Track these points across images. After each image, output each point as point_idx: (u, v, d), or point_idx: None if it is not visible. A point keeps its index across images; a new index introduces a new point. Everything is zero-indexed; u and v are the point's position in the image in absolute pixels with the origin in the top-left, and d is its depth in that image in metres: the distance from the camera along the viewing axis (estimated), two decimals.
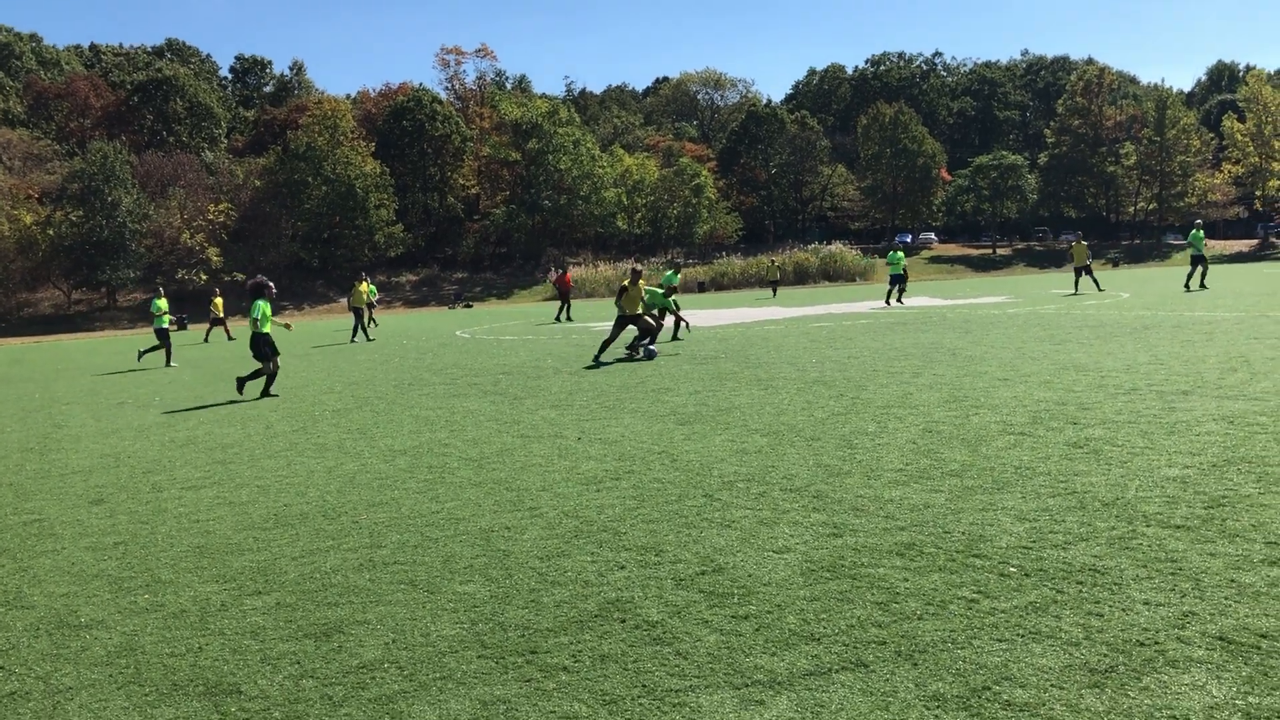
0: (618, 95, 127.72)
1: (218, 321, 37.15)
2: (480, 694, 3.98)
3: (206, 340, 37.21)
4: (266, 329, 15.45)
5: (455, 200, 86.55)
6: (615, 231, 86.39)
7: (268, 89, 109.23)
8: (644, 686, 3.96)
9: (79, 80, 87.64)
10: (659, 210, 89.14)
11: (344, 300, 67.76)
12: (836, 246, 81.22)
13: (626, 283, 18.77)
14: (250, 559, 6.17)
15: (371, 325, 32.74)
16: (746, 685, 3.91)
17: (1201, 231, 31.78)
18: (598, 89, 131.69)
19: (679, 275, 24.05)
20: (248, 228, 74.51)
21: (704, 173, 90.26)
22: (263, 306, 15.47)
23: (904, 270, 34.53)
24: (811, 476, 7.45)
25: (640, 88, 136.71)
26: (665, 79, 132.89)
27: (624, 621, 4.68)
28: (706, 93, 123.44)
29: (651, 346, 17.75)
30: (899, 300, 34.08)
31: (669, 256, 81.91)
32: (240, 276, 70.40)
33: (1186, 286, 31.58)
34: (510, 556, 5.84)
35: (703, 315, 34.18)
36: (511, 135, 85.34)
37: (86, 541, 6.87)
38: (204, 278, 68.81)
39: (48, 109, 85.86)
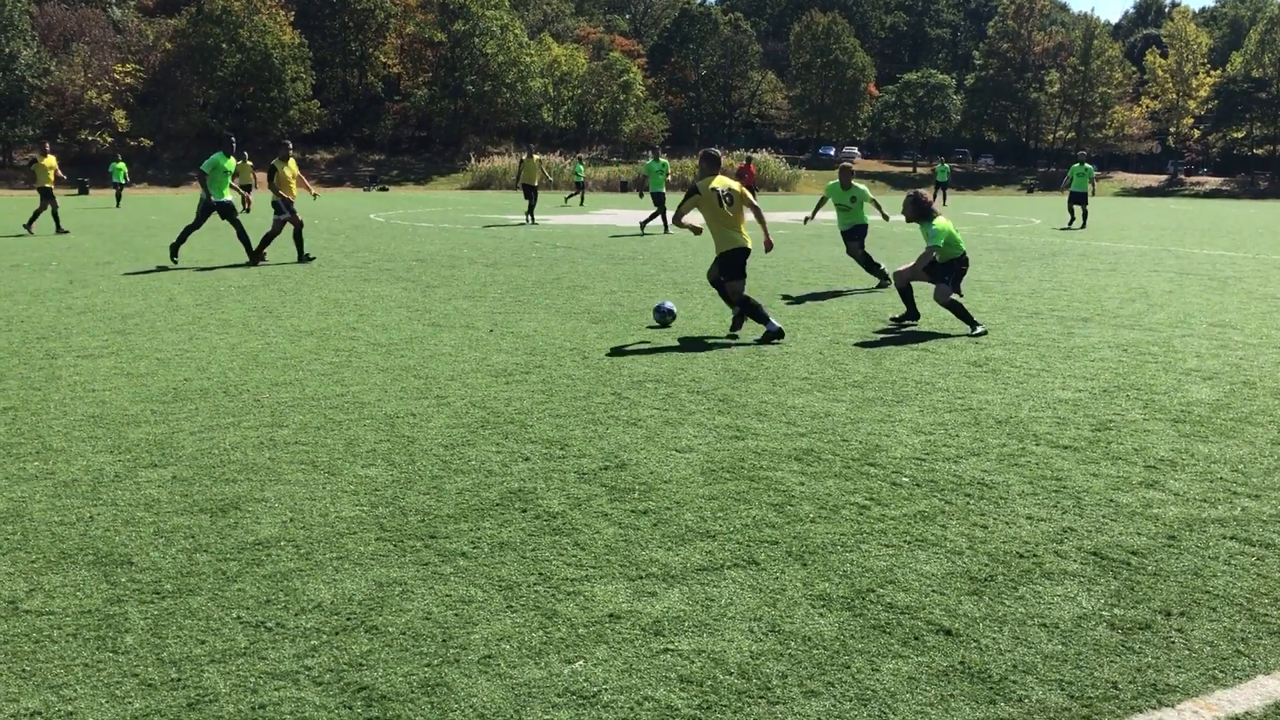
0: None
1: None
2: (376, 575, 4.00)
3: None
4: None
5: (375, 79, 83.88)
6: (539, 123, 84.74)
7: None
8: (541, 574, 4.02)
9: None
10: (585, 104, 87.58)
11: (259, 174, 65.68)
12: (762, 155, 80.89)
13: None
14: (147, 431, 6.05)
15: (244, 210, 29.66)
16: (641, 577, 3.99)
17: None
18: None
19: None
20: (156, 92, 71.13)
21: (633, 69, 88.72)
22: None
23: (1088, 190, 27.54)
24: (719, 380, 7.53)
25: None
26: None
27: (525, 511, 4.72)
28: None
29: None
30: (1083, 225, 27.51)
31: (594, 151, 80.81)
32: (147, 142, 67.65)
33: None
34: (414, 443, 5.83)
35: (625, 215, 33.99)
36: (438, 15, 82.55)
37: None
38: (108, 140, 65.90)
39: None
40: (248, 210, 17.31)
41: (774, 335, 9.17)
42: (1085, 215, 27.52)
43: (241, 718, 3.01)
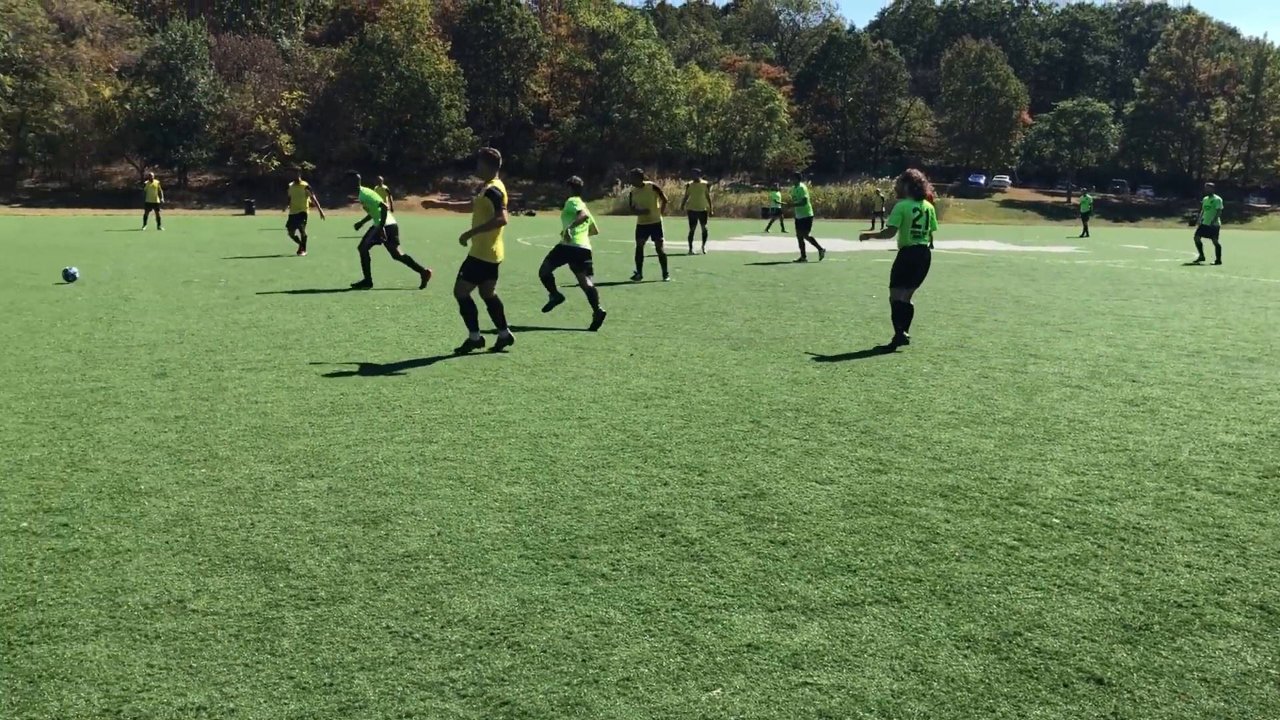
0: (697, 10, 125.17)
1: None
2: (519, 592, 4.09)
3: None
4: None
5: (526, 107, 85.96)
6: (683, 150, 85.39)
7: None
8: (679, 600, 4.04)
9: None
10: (729, 131, 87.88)
11: (412, 198, 67.76)
12: None
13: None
14: (305, 443, 6.32)
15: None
16: (780, 609, 3.97)
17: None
18: (677, 2, 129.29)
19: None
20: (319, 118, 74.56)
21: (779, 96, 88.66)
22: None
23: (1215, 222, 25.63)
24: (861, 412, 7.44)
25: (721, 4, 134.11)
26: None
27: (664, 536, 4.75)
28: (788, 14, 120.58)
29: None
30: (1216, 260, 25.91)
31: (736, 178, 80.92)
32: (310, 166, 70.88)
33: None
34: (557, 463, 5.93)
35: (765, 242, 33.90)
36: (587, 44, 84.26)
37: (149, 413, 7.07)
38: (275, 164, 69.33)
39: None
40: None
41: (474, 345, 9.82)
42: (1201, 247, 25.89)
43: None
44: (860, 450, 6.34)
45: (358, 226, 18.49)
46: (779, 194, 44.66)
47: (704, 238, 25.64)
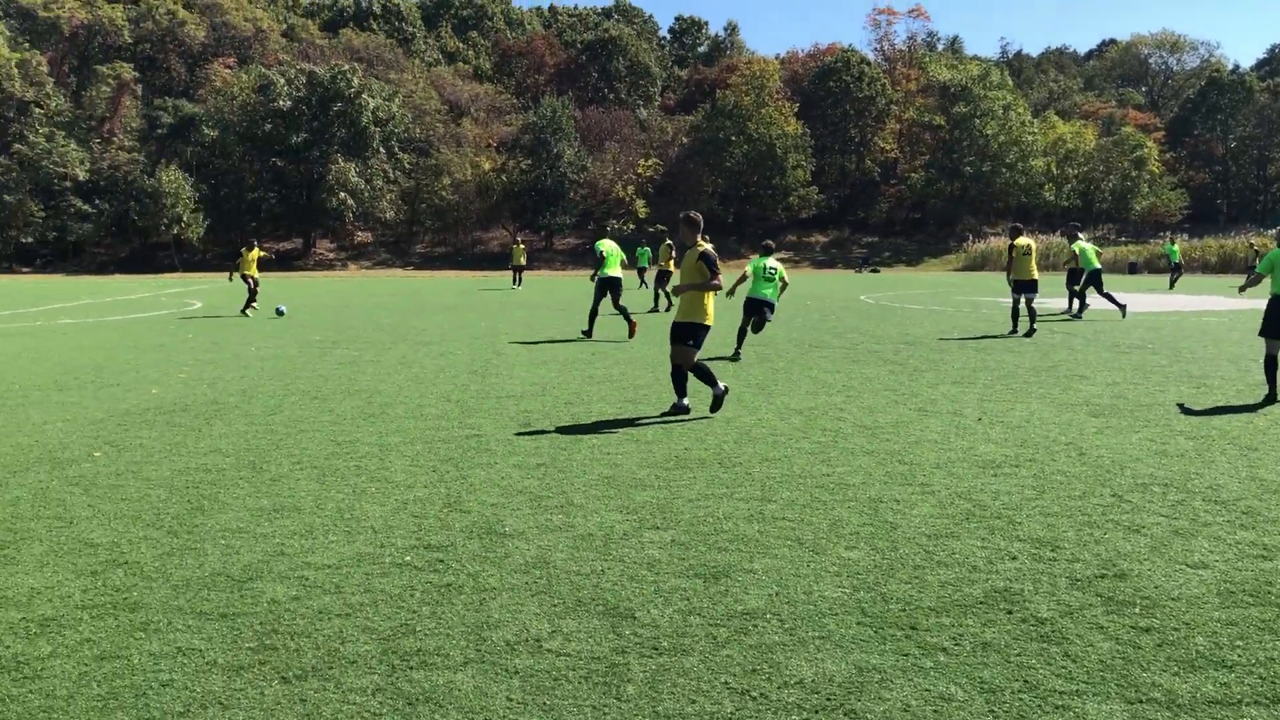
0: (1056, 58, 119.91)
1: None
2: (857, 659, 4.04)
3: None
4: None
5: (873, 164, 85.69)
6: (1040, 203, 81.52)
7: (702, 49, 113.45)
8: (1026, 682, 3.83)
9: (538, 39, 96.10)
10: (1092, 182, 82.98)
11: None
12: None
13: None
14: (651, 495, 6.60)
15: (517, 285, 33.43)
16: (1140, 701, 3.67)
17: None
18: (1035, 51, 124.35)
19: None
20: (671, 183, 78.26)
21: (1148, 144, 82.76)
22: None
23: None
24: (1243, 490, 6.74)
25: (1083, 50, 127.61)
26: (1112, 41, 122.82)
27: (1010, 613, 4.53)
28: (1160, 56, 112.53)
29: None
30: None
31: (1099, 231, 76.09)
32: (662, 228, 74.45)
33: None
34: (897, 530, 5.82)
35: (1131, 299, 31.59)
36: (938, 98, 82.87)
37: (514, 460, 7.66)
38: (630, 227, 73.30)
39: (510, 66, 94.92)
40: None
41: (721, 398, 9.83)
42: None
43: None
44: (1240, 533, 5.75)
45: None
46: (1175, 247, 41.03)
47: (1070, 296, 24.31)
